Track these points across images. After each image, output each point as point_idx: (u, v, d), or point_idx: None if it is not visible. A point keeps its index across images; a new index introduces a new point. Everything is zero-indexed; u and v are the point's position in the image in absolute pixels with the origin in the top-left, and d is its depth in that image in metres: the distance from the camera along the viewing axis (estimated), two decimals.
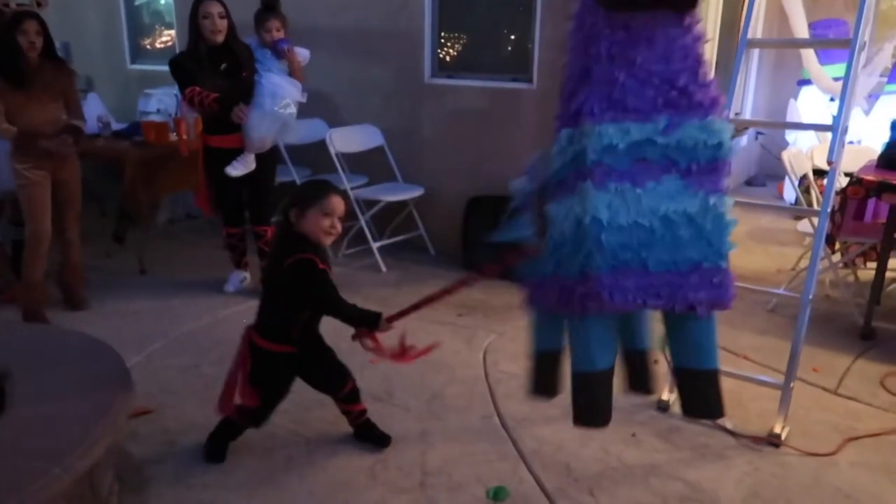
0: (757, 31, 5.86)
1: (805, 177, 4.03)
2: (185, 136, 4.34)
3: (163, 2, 5.97)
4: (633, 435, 2.58)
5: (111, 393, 2.03)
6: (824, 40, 5.43)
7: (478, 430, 2.62)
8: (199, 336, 3.38)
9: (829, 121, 2.59)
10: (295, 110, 3.66)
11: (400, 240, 4.56)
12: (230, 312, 3.60)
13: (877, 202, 3.52)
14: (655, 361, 2.17)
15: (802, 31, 5.09)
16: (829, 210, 2.53)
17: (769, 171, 6.81)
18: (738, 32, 2.76)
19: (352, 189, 4.37)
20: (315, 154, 4.45)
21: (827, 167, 2.63)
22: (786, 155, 3.81)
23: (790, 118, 5.75)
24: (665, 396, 2.76)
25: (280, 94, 3.53)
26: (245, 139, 3.56)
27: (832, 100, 5.44)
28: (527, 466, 2.39)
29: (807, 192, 4.55)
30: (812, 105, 5.75)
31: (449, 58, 4.51)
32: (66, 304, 3.68)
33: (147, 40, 6.14)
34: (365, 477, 2.32)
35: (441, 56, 4.50)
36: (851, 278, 3.97)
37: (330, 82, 4.70)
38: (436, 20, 4.43)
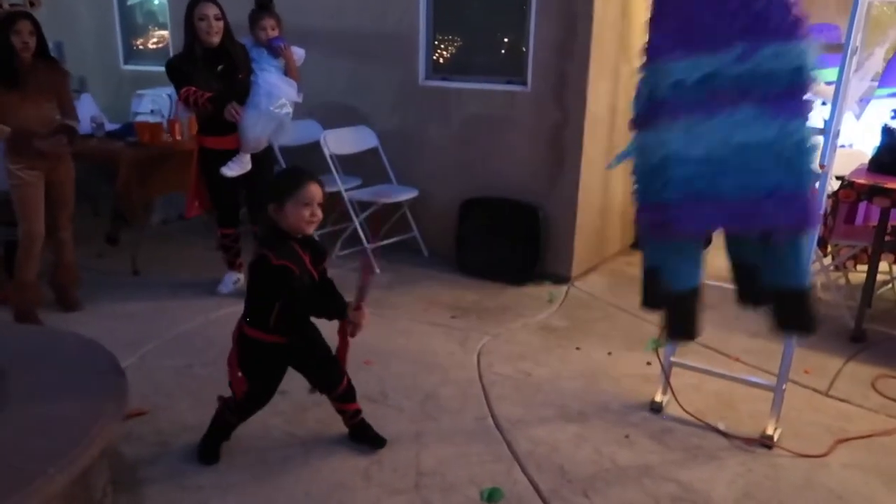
0: None
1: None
2: (178, 137, 4.34)
3: (156, 2, 5.96)
4: (627, 436, 2.60)
5: (106, 394, 2.03)
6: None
7: (472, 432, 2.63)
8: (193, 337, 3.38)
9: (820, 125, 2.60)
10: (291, 110, 3.66)
11: (394, 241, 4.57)
12: (224, 313, 3.59)
13: (868, 205, 3.55)
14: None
15: None
16: (820, 213, 2.55)
17: None
18: None
19: (346, 191, 4.37)
20: (309, 155, 4.44)
21: (819, 171, 2.65)
22: None
23: None
24: (658, 398, 2.77)
25: (276, 93, 3.53)
26: (241, 139, 3.55)
27: (824, 104, 5.46)
28: (521, 468, 2.40)
29: None
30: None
31: (443, 60, 4.53)
32: (59, 305, 3.66)
33: (140, 41, 6.13)
34: (360, 478, 2.32)
35: (435, 58, 4.51)
36: (843, 281, 4.00)
37: (325, 84, 4.70)
38: (430, 22, 4.44)
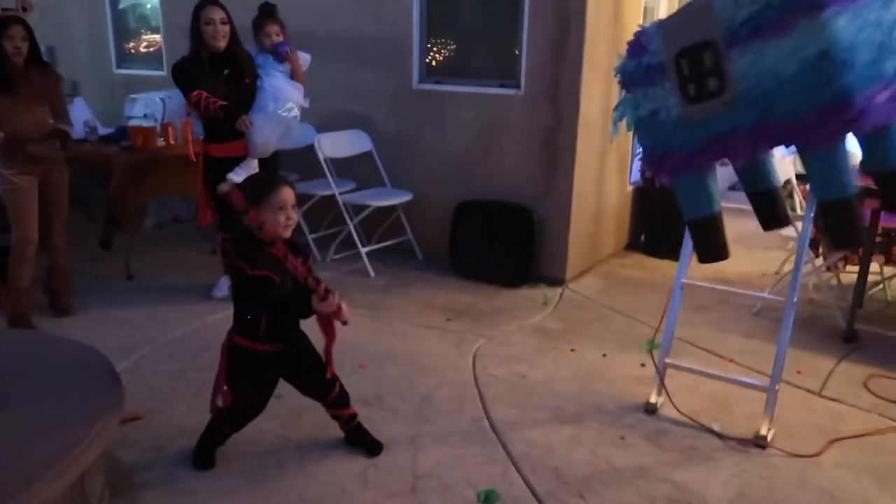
0: None
1: (788, 182, 4.09)
2: (172, 141, 4.33)
3: (149, 6, 5.95)
4: (622, 438, 2.61)
5: (101, 399, 2.02)
6: None
7: (468, 434, 2.63)
8: (188, 341, 3.37)
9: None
10: (298, 114, 3.65)
11: (388, 244, 4.57)
12: (218, 317, 3.58)
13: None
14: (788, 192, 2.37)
15: None
16: (812, 214, 2.57)
17: None
18: None
19: (340, 194, 4.38)
20: (303, 159, 4.45)
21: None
22: None
23: None
24: (653, 399, 2.79)
25: (283, 97, 3.53)
26: (249, 144, 3.53)
27: None
28: (517, 469, 2.40)
29: (790, 196, 4.61)
30: None
31: (437, 63, 4.54)
32: (52, 310, 3.65)
33: (133, 44, 6.12)
34: (356, 481, 2.32)
35: (429, 62, 4.52)
36: (834, 282, 4.03)
37: (319, 87, 4.69)
38: (424, 26, 4.45)
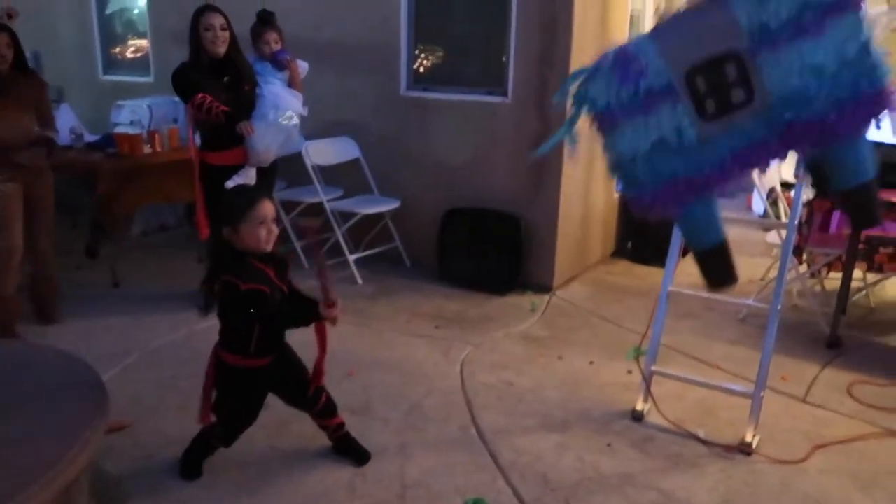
0: None
1: (773, 189, 4.13)
2: (159, 148, 4.31)
3: (136, 11, 5.93)
4: (609, 445, 2.62)
5: (86, 408, 2.01)
6: None
7: (456, 442, 2.64)
8: (175, 349, 3.36)
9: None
10: (298, 122, 3.63)
11: (376, 252, 4.57)
12: (206, 325, 3.53)
13: (841, 214, 3.62)
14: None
15: None
16: (796, 222, 2.60)
17: (738, 184, 6.94)
18: None
19: (328, 201, 4.38)
20: (291, 166, 4.45)
21: (794, 180, 2.70)
22: None
23: None
24: (639, 406, 2.80)
25: (283, 105, 3.51)
26: (248, 152, 3.48)
27: None
28: (504, 477, 2.41)
29: (774, 204, 4.66)
30: None
31: (425, 71, 4.55)
32: (38, 318, 3.62)
33: (120, 50, 6.10)
34: (344, 490, 2.32)
35: (417, 69, 4.54)
36: (818, 288, 4.07)
37: (307, 94, 4.70)
38: (412, 33, 4.46)
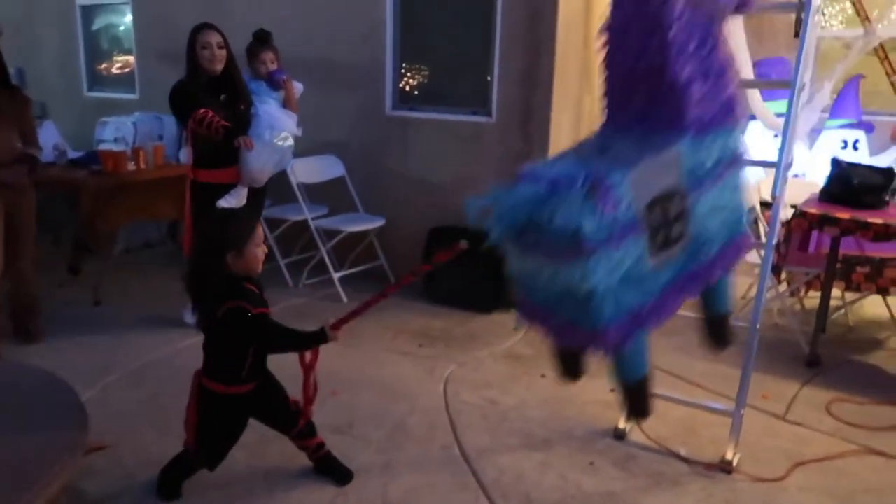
0: None
1: (753, 208, 4.19)
2: (143, 166, 4.30)
3: (122, 28, 5.94)
4: (591, 463, 2.63)
5: (65, 429, 1.99)
6: (767, 81, 5.67)
7: (439, 461, 2.63)
8: (157, 368, 3.34)
9: (775, 155, 2.72)
10: (293, 143, 3.63)
11: (361, 270, 4.58)
12: (189, 343, 3.55)
13: (819, 234, 3.68)
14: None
15: (747, 71, 5.30)
16: (774, 242, 2.64)
17: None
18: None
19: (313, 219, 4.39)
20: (276, 183, 4.44)
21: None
22: None
23: None
24: (621, 425, 2.82)
25: (278, 126, 3.50)
26: (242, 172, 3.48)
27: (776, 136, 5.67)
28: (487, 496, 2.41)
29: (755, 223, 4.72)
30: (759, 139, 5.98)
31: (410, 90, 4.59)
32: (18, 337, 3.58)
33: (105, 66, 6.09)
34: None
35: (402, 88, 4.58)
36: (798, 307, 4.12)
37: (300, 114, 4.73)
38: (397, 53, 4.51)
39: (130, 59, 5.79)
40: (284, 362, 2.33)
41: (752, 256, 4.06)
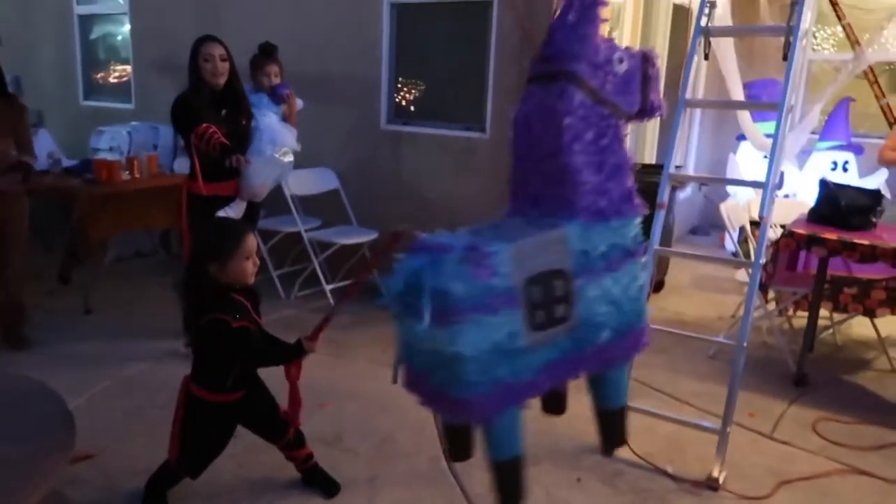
0: (699, 90, 6.16)
1: (743, 228, 4.23)
2: (137, 175, 4.31)
3: (119, 37, 5.97)
4: (578, 479, 2.64)
5: (51, 438, 1.99)
6: (755, 103, 5.74)
7: (426, 475, 2.63)
8: (145, 378, 3.33)
9: (764, 175, 2.76)
10: (293, 158, 3.62)
11: (352, 282, 4.57)
12: (178, 354, 3.55)
13: (807, 254, 3.71)
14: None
15: (737, 93, 5.37)
16: (761, 261, 2.67)
17: (713, 221, 7.06)
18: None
19: (306, 231, 4.40)
20: (270, 195, 4.45)
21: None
22: (723, 207, 4.00)
23: (730, 172, 6.01)
24: None
25: (279, 141, 3.49)
26: (243, 186, 3.46)
27: (766, 156, 5.73)
28: None
29: (745, 242, 4.76)
30: (750, 159, 6.05)
31: (405, 105, 4.63)
32: (6, 344, 3.57)
33: (102, 75, 6.12)
34: None
35: (397, 103, 4.61)
36: (786, 326, 4.15)
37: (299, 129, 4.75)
38: (393, 68, 4.55)
39: (127, 68, 5.81)
40: (272, 372, 2.33)
41: (743, 275, 4.10)
